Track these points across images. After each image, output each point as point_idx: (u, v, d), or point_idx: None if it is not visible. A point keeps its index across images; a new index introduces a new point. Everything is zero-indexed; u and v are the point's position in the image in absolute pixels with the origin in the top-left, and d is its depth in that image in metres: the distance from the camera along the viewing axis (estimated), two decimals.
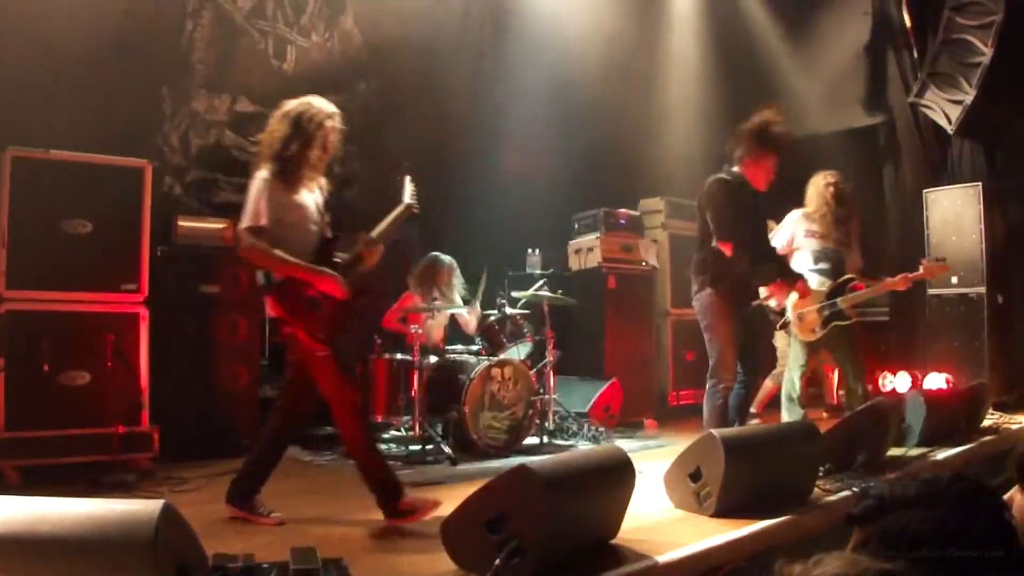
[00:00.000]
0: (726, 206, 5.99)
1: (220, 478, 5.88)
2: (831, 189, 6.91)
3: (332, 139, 4.75)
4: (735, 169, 6.20)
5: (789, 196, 7.22)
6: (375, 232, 4.78)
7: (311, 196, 4.78)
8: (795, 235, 6.99)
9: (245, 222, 4.50)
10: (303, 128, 4.63)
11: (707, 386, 6.20)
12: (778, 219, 7.29)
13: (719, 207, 6.01)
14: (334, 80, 9.27)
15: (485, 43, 10.47)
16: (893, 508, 1.65)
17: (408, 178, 4.82)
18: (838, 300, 6.71)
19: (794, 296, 6.63)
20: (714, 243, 6.02)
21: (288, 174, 4.59)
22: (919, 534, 1.58)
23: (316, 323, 4.50)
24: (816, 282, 6.74)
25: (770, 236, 6.93)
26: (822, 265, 6.85)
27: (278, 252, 4.46)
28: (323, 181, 4.91)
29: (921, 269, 6.89)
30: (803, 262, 6.89)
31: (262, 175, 4.55)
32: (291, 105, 4.78)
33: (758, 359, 6.69)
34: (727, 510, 4.54)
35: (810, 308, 6.71)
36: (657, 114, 11.36)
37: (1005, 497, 2.44)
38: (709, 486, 4.60)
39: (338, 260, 4.73)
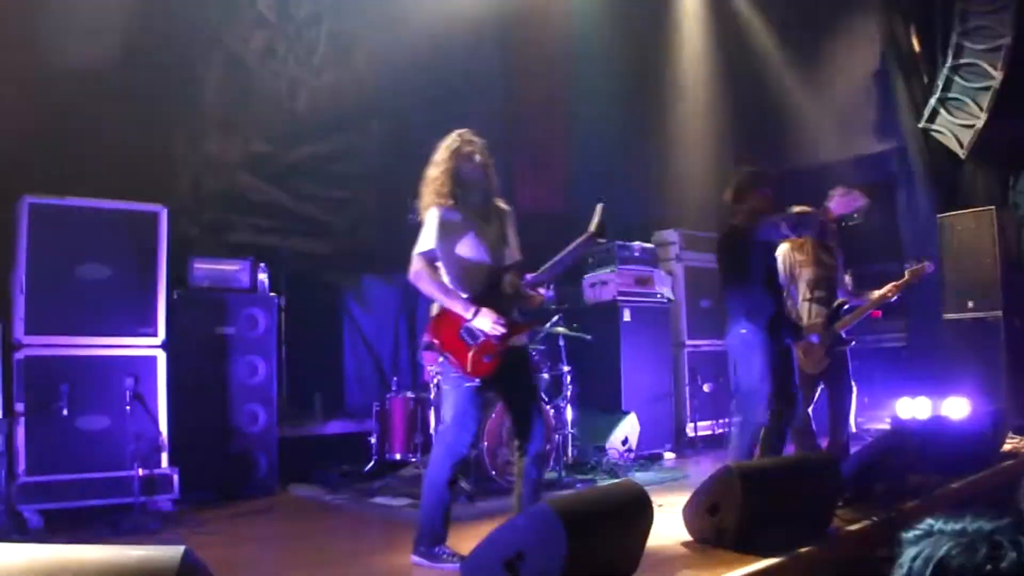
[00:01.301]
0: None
1: (240, 519, 5.91)
2: None
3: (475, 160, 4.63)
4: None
5: None
6: (547, 265, 4.68)
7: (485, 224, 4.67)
8: (790, 269, 6.93)
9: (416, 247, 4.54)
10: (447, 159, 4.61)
11: (736, 421, 6.14)
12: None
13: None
14: (346, 120, 9.36)
15: (496, 80, 10.54)
16: None
17: (600, 207, 4.73)
18: (835, 326, 6.69)
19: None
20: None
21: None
22: None
23: (464, 354, 4.39)
24: (814, 312, 6.73)
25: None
26: (817, 293, 6.81)
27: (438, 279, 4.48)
28: (502, 206, 4.81)
29: (906, 275, 6.85)
30: (799, 293, 6.87)
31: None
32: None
33: (795, 396, 6.58)
34: (746, 543, 4.52)
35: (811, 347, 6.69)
36: (670, 146, 11.40)
37: None
38: (727, 520, 4.58)
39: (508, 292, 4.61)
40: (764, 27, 11.72)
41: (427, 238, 4.48)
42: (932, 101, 9.93)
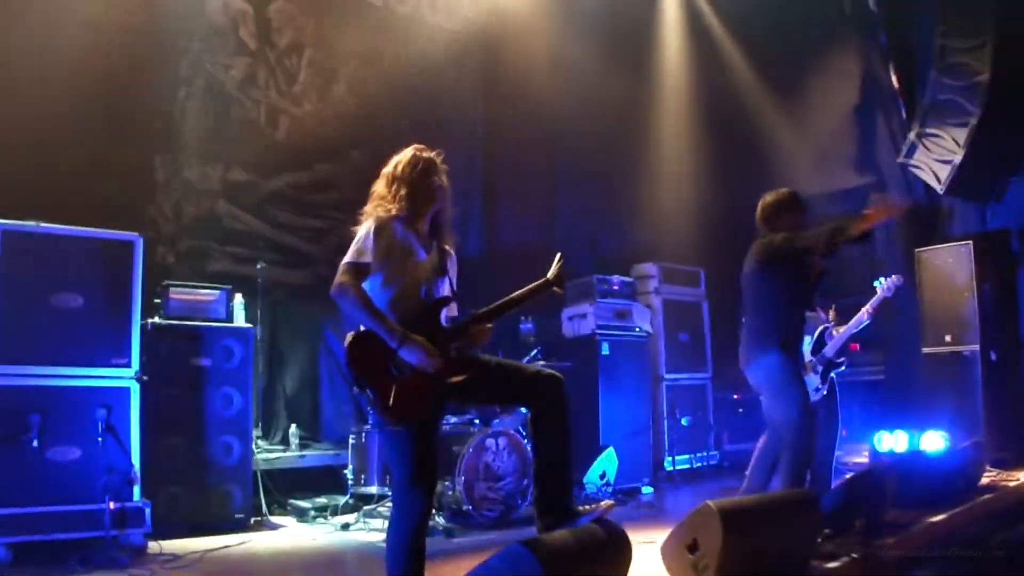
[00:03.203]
0: None
1: (213, 554, 5.83)
2: None
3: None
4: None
5: None
6: (495, 304, 4.14)
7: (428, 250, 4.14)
8: None
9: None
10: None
11: (763, 441, 6.16)
12: None
13: None
14: (327, 148, 9.33)
15: (478, 112, 10.55)
16: None
17: (559, 256, 4.24)
18: (824, 351, 6.68)
19: None
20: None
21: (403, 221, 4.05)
22: None
23: (387, 391, 3.72)
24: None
25: None
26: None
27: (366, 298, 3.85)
28: (449, 248, 4.27)
29: (878, 291, 6.84)
30: None
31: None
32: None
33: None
34: None
35: (806, 369, 6.68)
36: (649, 180, 11.43)
37: None
38: (707, 557, 4.52)
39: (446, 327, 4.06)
40: (745, 62, 11.79)
41: (363, 248, 3.86)
42: (911, 136, 9.97)
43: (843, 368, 6.76)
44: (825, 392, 6.67)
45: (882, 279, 6.86)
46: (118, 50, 7.73)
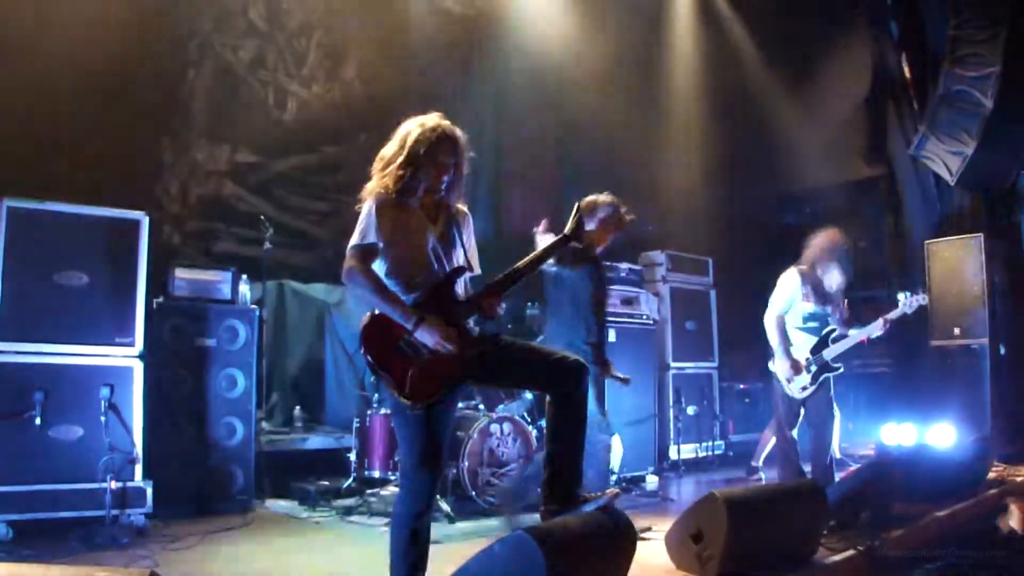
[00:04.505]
0: None
1: (214, 535, 5.81)
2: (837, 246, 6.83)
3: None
4: None
5: (787, 247, 7.18)
6: (510, 269, 3.95)
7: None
8: (795, 300, 6.82)
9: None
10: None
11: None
12: None
13: None
14: (335, 131, 9.30)
15: (487, 98, 10.50)
16: None
17: (576, 207, 4.13)
18: (823, 353, 6.64)
19: (785, 366, 6.66)
20: None
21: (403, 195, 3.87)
22: None
23: (403, 373, 3.64)
24: (803, 340, 6.70)
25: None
26: (810, 324, 6.78)
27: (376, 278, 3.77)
28: (462, 208, 4.14)
29: (900, 305, 6.78)
30: (793, 320, 6.81)
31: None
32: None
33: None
34: (730, 572, 4.44)
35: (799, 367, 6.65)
36: (658, 167, 11.38)
37: None
38: (711, 548, 4.50)
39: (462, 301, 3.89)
40: (756, 52, 11.71)
41: (367, 229, 3.76)
42: (922, 128, 9.91)
43: (840, 371, 6.71)
44: (812, 390, 6.63)
45: (907, 294, 6.81)
46: (128, 30, 7.68)
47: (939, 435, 8.01)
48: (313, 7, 9.31)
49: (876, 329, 6.73)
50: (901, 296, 6.79)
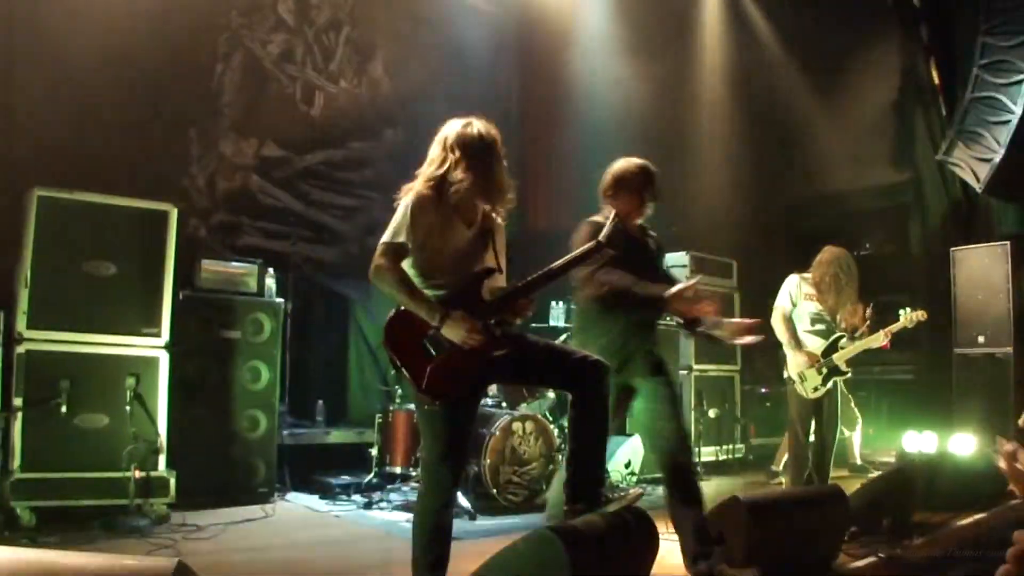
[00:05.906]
0: None
1: (235, 526, 5.84)
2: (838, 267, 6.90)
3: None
4: None
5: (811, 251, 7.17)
6: (542, 271, 3.90)
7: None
8: (795, 297, 6.94)
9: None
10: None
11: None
12: None
13: None
14: (361, 126, 9.33)
15: (513, 95, 10.51)
16: None
17: (613, 215, 4.02)
18: (833, 357, 6.68)
19: (800, 359, 6.72)
20: None
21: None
22: None
23: (422, 368, 3.62)
24: (812, 343, 6.74)
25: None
26: (818, 327, 6.83)
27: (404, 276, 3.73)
28: (498, 220, 4.10)
29: (901, 319, 6.83)
30: (800, 323, 6.86)
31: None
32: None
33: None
34: None
35: (810, 368, 6.70)
36: (682, 169, 11.34)
37: None
38: (733, 550, 4.49)
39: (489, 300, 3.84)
40: (783, 54, 11.66)
41: (400, 227, 3.72)
42: (950, 133, 9.84)
43: (848, 375, 6.82)
44: (824, 391, 6.70)
45: (908, 310, 6.85)
46: (158, 24, 7.74)
47: (961, 443, 7.97)
48: (342, 2, 9.36)
49: (878, 340, 6.80)
50: (902, 313, 6.86)
